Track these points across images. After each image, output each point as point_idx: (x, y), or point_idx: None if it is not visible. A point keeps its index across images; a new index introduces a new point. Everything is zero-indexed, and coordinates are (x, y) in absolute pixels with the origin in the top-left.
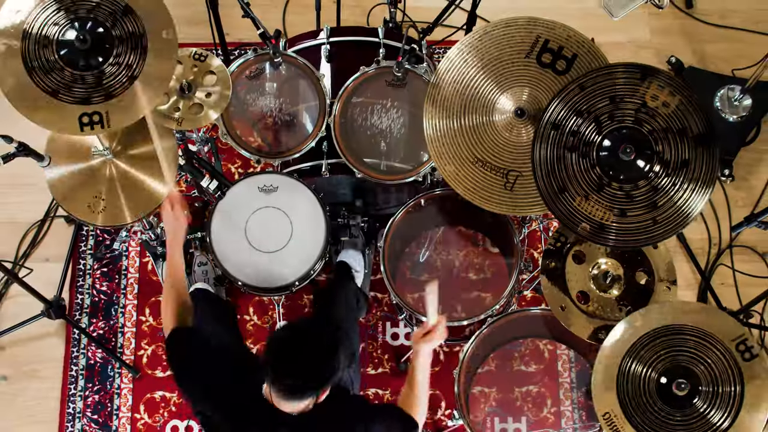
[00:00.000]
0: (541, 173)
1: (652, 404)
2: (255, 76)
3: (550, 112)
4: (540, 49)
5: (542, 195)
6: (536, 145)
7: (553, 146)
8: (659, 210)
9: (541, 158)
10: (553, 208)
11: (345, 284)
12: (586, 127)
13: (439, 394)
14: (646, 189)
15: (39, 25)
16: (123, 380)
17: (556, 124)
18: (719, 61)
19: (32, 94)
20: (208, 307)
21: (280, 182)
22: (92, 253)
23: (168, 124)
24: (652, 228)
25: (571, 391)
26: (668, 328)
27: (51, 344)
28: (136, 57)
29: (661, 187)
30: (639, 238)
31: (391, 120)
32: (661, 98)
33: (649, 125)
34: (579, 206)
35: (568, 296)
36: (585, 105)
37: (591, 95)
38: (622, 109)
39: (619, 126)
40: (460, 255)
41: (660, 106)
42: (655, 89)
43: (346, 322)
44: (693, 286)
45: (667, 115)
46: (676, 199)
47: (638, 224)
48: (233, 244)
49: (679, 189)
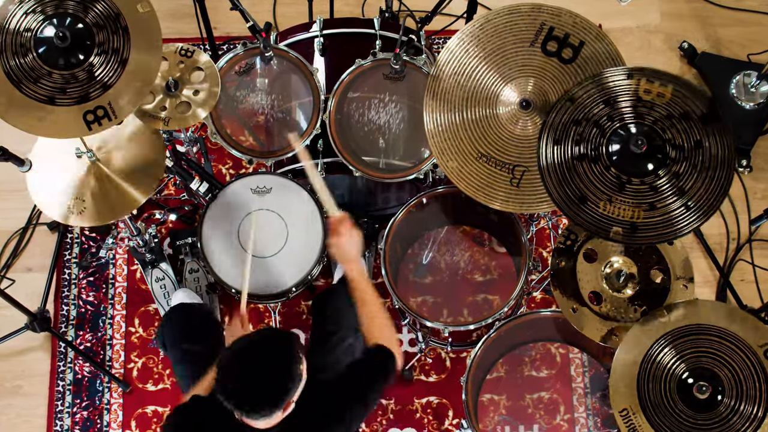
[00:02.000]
0: (558, 193)
1: (673, 405)
2: (245, 72)
3: (545, 134)
4: (545, 37)
5: (564, 211)
6: (545, 176)
7: (560, 161)
8: (688, 194)
9: (554, 185)
10: (579, 220)
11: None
12: (588, 132)
13: (446, 402)
14: (668, 177)
15: (12, 33)
16: (112, 395)
17: (557, 139)
18: (734, 46)
19: (28, 108)
20: (185, 324)
21: (274, 183)
22: (77, 261)
23: (154, 124)
24: (687, 214)
25: (585, 397)
26: (692, 328)
27: (36, 359)
28: (120, 39)
29: (683, 172)
30: (676, 228)
31: (389, 115)
32: (654, 90)
33: (651, 116)
34: (605, 211)
35: (580, 297)
36: (581, 114)
37: (583, 104)
38: (618, 108)
39: (622, 124)
40: (465, 256)
41: (656, 98)
42: (645, 84)
43: (350, 330)
44: (711, 283)
45: (665, 104)
46: (703, 179)
47: (671, 213)
48: (226, 250)
49: (702, 169)
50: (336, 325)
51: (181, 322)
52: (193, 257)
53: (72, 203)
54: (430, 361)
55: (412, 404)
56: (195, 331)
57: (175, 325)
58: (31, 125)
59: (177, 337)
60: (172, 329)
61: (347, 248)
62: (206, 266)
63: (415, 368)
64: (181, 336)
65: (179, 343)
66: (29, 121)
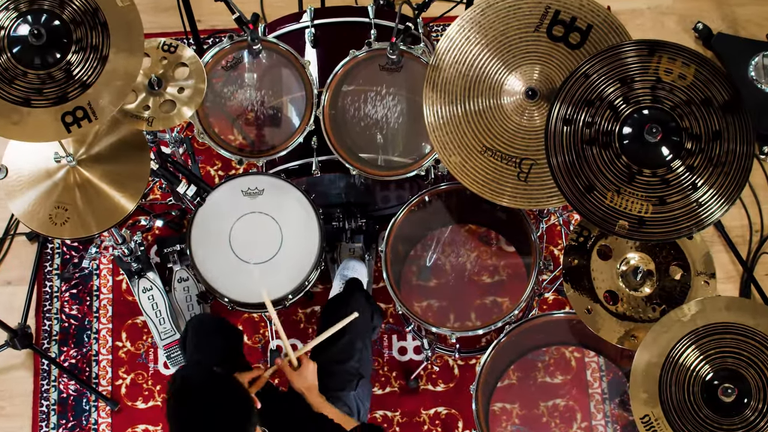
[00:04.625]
0: (563, 176)
1: (697, 410)
2: (232, 67)
3: (556, 110)
4: (550, 21)
5: (568, 199)
6: (551, 151)
7: (569, 144)
8: (701, 190)
9: (559, 163)
10: (584, 211)
11: (357, 298)
12: (601, 115)
13: (455, 413)
14: (682, 169)
15: None
16: (100, 414)
17: (567, 119)
18: (751, 26)
19: (2, 111)
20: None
21: (266, 184)
22: (59, 273)
23: (137, 125)
24: (698, 212)
25: (603, 403)
26: (715, 327)
27: (18, 377)
28: (99, 35)
29: (698, 165)
30: (686, 225)
31: (387, 109)
32: (675, 71)
33: (670, 101)
34: (612, 203)
35: (595, 297)
36: (594, 93)
37: (598, 82)
38: (636, 90)
39: (638, 108)
40: (472, 256)
41: (676, 79)
42: (667, 62)
43: (357, 337)
44: (734, 278)
45: (686, 88)
46: (717, 175)
47: (682, 210)
48: (217, 256)
49: (717, 163)
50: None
51: (215, 319)
52: (182, 265)
53: (53, 213)
54: (437, 370)
55: (419, 416)
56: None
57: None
58: (6, 129)
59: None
60: (206, 322)
61: (311, 378)
62: (196, 275)
63: (421, 377)
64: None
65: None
66: (4, 124)
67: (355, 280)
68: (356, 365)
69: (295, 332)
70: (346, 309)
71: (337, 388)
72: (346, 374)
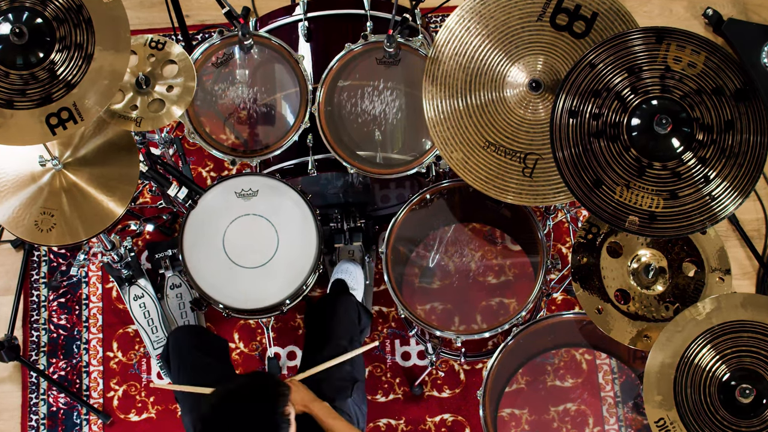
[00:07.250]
0: (569, 171)
1: (714, 411)
2: (223, 63)
3: (561, 101)
4: (554, 9)
5: (576, 195)
6: (557, 145)
7: (575, 137)
8: (713, 183)
9: (565, 157)
10: (592, 207)
11: (342, 298)
12: (608, 106)
13: (462, 420)
14: (694, 162)
15: None
16: (92, 428)
17: (573, 111)
18: (763, 11)
19: None
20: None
21: (261, 185)
22: (46, 281)
23: (125, 126)
24: (711, 205)
25: (616, 407)
26: (731, 325)
27: (5, 391)
28: (84, 33)
29: (710, 157)
30: (698, 219)
31: (385, 104)
32: (684, 59)
33: (680, 90)
34: (621, 198)
35: (605, 296)
36: (600, 84)
37: (604, 72)
38: (644, 79)
39: (646, 98)
40: (476, 256)
41: (686, 68)
42: (676, 50)
43: (344, 340)
44: (750, 274)
45: (696, 76)
46: (730, 167)
47: (694, 204)
48: (210, 261)
49: (730, 155)
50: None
51: (193, 332)
52: (175, 271)
53: (39, 219)
54: (443, 375)
55: (425, 423)
56: (205, 345)
57: (185, 335)
58: None
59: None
60: (182, 339)
61: (303, 393)
62: (189, 280)
63: (425, 383)
64: (191, 347)
65: (190, 351)
66: None
67: (339, 281)
68: (349, 368)
69: (293, 339)
70: (330, 312)
71: (334, 394)
72: (340, 380)
